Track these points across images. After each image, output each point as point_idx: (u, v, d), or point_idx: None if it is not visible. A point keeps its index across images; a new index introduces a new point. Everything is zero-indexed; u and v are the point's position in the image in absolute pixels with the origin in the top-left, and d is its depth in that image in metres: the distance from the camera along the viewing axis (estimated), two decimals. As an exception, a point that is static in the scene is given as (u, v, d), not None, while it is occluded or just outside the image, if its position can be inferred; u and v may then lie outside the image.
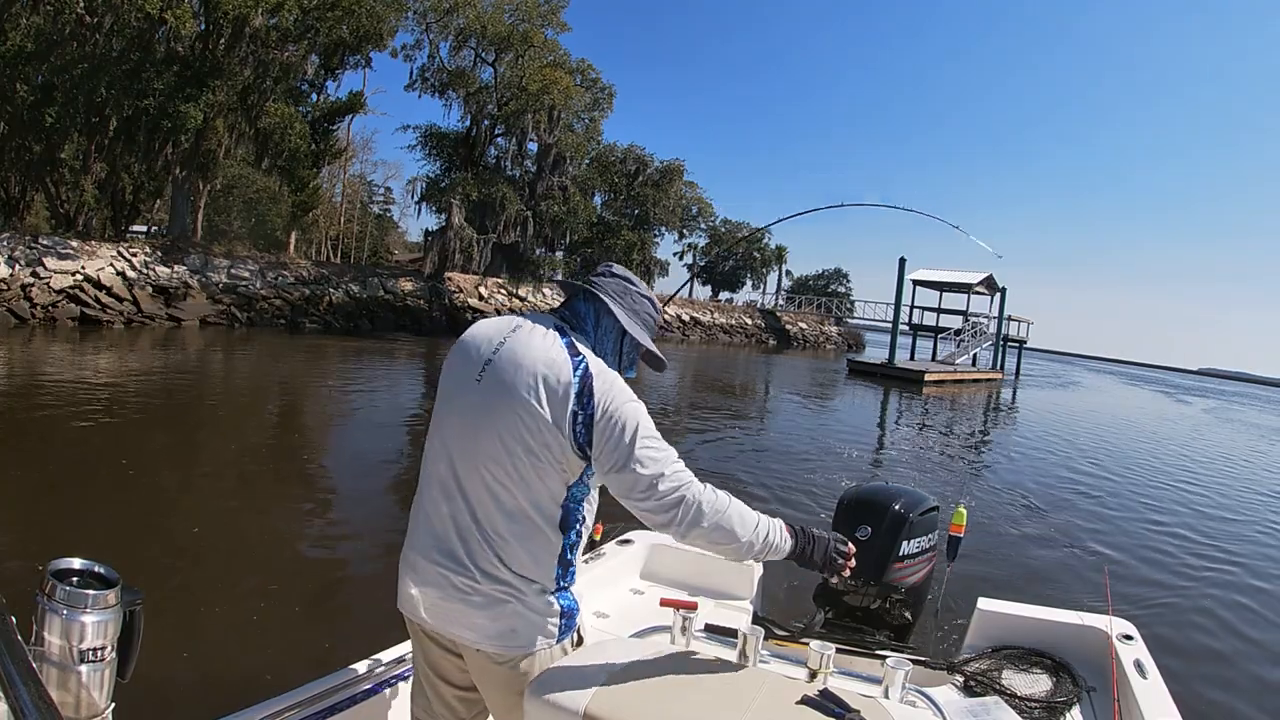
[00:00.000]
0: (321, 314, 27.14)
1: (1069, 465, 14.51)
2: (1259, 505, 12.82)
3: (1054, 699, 2.62)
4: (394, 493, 8.09)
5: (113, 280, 21.73)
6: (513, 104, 34.61)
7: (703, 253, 56.97)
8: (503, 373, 1.81)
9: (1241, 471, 17.46)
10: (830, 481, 10.24)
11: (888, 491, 3.68)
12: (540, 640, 1.87)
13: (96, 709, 1.44)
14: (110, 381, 12.70)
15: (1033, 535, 8.78)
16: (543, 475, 1.80)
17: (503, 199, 34.60)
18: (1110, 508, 10.91)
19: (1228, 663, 5.76)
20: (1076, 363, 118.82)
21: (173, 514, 6.66)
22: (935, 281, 41.46)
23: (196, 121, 23.41)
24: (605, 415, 1.76)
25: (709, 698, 1.79)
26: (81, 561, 1.47)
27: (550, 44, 35.79)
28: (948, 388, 32.41)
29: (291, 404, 13.75)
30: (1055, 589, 6.80)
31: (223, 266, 25.25)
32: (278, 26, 24.96)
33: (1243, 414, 44.00)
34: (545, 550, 1.84)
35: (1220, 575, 8.04)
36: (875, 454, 14.39)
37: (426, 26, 33.62)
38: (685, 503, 1.79)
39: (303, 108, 28.58)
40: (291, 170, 27.67)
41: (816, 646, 2.41)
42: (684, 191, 51.05)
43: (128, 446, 8.86)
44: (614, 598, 3.35)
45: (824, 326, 58.64)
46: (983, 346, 40.94)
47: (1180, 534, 9.76)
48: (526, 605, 1.84)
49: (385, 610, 1.93)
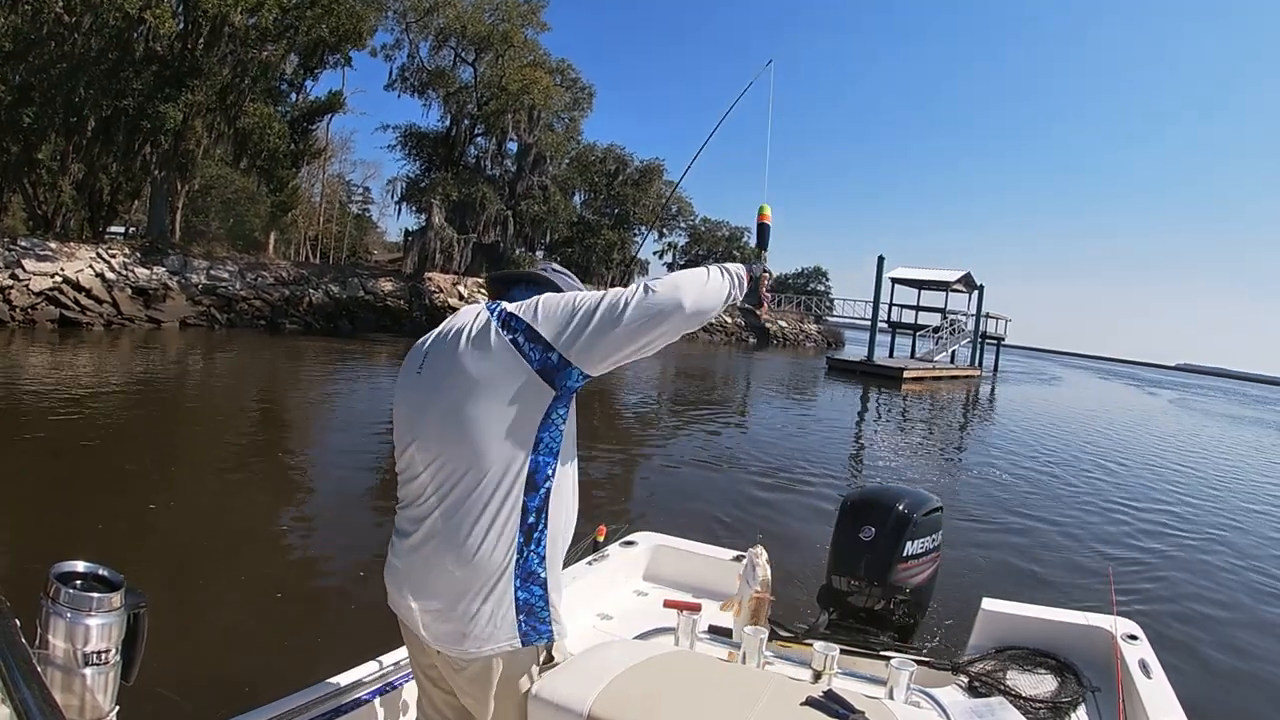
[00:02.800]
0: (301, 315, 27.05)
1: (1051, 458, 14.79)
2: (1230, 495, 13.07)
3: (1059, 699, 2.62)
4: (390, 495, 8.08)
5: (92, 282, 21.60)
6: (493, 104, 34.64)
7: (682, 251, 57.16)
8: (437, 353, 1.82)
9: (1186, 456, 18.27)
10: (814, 477, 10.37)
11: (891, 492, 3.67)
12: (501, 638, 1.77)
13: (101, 712, 1.44)
14: (93, 384, 12.68)
15: (1032, 534, 8.78)
16: (506, 422, 1.71)
17: (483, 199, 34.63)
18: (1106, 503, 11.07)
19: (1234, 662, 5.74)
20: (1055, 359, 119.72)
21: (168, 517, 6.66)
22: (914, 279, 41.73)
23: (175, 121, 23.29)
24: (541, 312, 1.74)
25: (713, 699, 1.79)
26: (85, 564, 1.47)
27: (530, 44, 35.88)
28: (926, 384, 32.67)
29: (279, 405, 13.75)
30: (1059, 588, 6.80)
31: (202, 267, 25.13)
32: (257, 25, 24.82)
33: (1202, 404, 47.62)
34: (504, 525, 1.73)
35: (1222, 575, 8.05)
36: (855, 451, 14.59)
37: (406, 26, 33.64)
38: (656, 286, 1.73)
39: (282, 107, 28.48)
40: (270, 170, 27.52)
41: (820, 648, 2.46)
42: (663, 191, 51.22)
43: (116, 450, 8.86)
44: (617, 600, 3.33)
45: (804, 325, 58.71)
46: (961, 343, 41.43)
47: (1177, 529, 9.91)
48: (482, 600, 1.75)
49: (388, 612, 1.95)
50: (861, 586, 3.44)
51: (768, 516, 8.46)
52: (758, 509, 8.74)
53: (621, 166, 47.32)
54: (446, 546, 1.75)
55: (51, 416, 9.82)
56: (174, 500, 7.23)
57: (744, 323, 53.36)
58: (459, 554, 1.74)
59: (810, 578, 5.35)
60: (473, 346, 1.75)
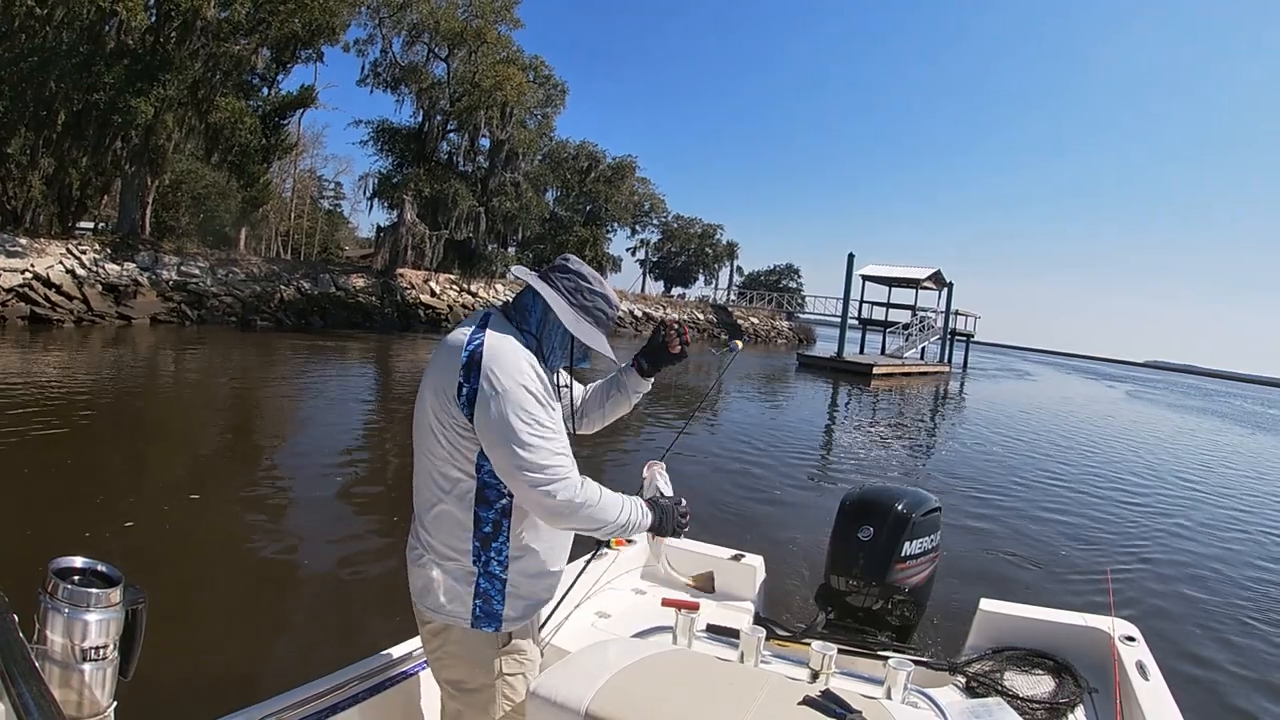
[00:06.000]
0: (273, 311, 26.87)
1: (1016, 452, 15.14)
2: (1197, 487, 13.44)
3: (1056, 700, 2.64)
4: (390, 493, 8.14)
5: (62, 278, 21.36)
6: (465, 100, 34.57)
7: (655, 248, 57.28)
8: (432, 363, 1.93)
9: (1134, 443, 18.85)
10: (783, 474, 10.57)
11: (890, 492, 3.70)
12: (451, 610, 1.94)
13: (99, 708, 1.43)
14: (67, 380, 12.61)
15: (1020, 532, 8.88)
16: (453, 451, 1.87)
17: (455, 195, 34.54)
18: (1085, 497, 11.29)
19: (1231, 664, 5.74)
20: (1026, 356, 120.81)
21: (160, 513, 6.67)
22: (884, 277, 42.19)
23: (146, 116, 23.02)
24: (487, 390, 1.79)
25: (711, 698, 1.80)
26: (84, 560, 1.46)
27: (503, 40, 35.77)
28: (896, 380, 33.09)
29: (261, 402, 13.70)
30: (1057, 589, 6.86)
31: (173, 264, 24.90)
32: (229, 19, 24.65)
33: (1154, 395, 51.25)
34: (459, 524, 1.91)
35: (1223, 574, 8.12)
36: (829, 447, 14.84)
37: (379, 21, 33.42)
38: (563, 494, 1.82)
39: (253, 102, 28.22)
40: (242, 165, 27.33)
41: (818, 647, 2.55)
42: (636, 188, 51.35)
43: (89, 449, 8.88)
44: (616, 598, 3.32)
45: (775, 321, 59.03)
46: (930, 340, 41.89)
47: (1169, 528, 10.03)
48: (442, 570, 1.94)
49: (387, 607, 1.95)
50: (860, 586, 3.49)
51: (743, 512, 8.62)
52: (734, 503, 8.89)
53: (594, 163, 47.48)
54: (427, 534, 1.98)
55: (29, 414, 9.80)
56: (153, 497, 7.21)
57: (716, 319, 53.60)
58: (433, 545, 1.96)
59: (809, 578, 5.49)
60: (441, 373, 1.87)
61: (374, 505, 7.70)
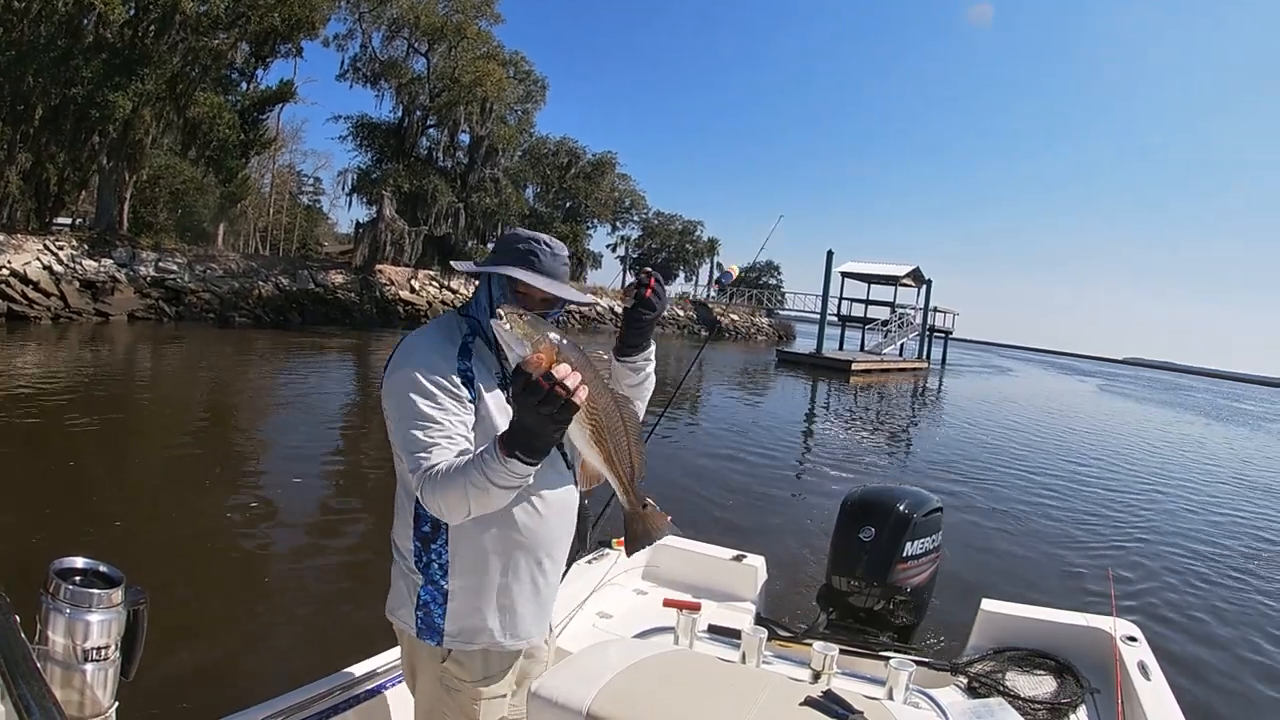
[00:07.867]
0: (251, 308, 26.63)
1: (990, 444, 15.36)
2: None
3: (1058, 700, 2.64)
4: (372, 489, 8.15)
5: (39, 274, 21.17)
6: (445, 95, 34.44)
7: (635, 245, 57.22)
8: None
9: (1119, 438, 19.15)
10: (765, 472, 10.67)
11: (892, 492, 3.71)
12: (401, 616, 1.91)
13: (100, 708, 1.44)
14: (53, 379, 12.60)
15: (1023, 533, 8.95)
16: (396, 458, 1.82)
17: (434, 191, 34.41)
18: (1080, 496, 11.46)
19: (1233, 664, 5.75)
20: (1008, 353, 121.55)
21: (157, 515, 6.73)
22: (863, 274, 42.38)
23: (124, 110, 22.89)
24: (386, 380, 1.82)
25: (712, 698, 1.80)
26: (85, 560, 1.47)
27: (484, 35, 35.65)
28: (874, 377, 33.36)
29: (240, 401, 13.69)
30: (1057, 589, 6.89)
31: (150, 260, 24.67)
32: (208, 13, 24.47)
33: (1122, 389, 52.91)
34: (405, 521, 1.88)
35: (1224, 574, 8.15)
36: (804, 443, 15.00)
37: (359, 16, 33.22)
38: (416, 481, 1.68)
39: (232, 97, 28.09)
40: (220, 160, 27.21)
41: (820, 648, 2.57)
42: (616, 184, 51.33)
43: (87, 447, 8.91)
44: (617, 599, 3.31)
45: (755, 318, 59.07)
46: (909, 337, 42.19)
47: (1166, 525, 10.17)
48: (396, 569, 1.93)
49: (376, 608, 1.95)
50: (861, 587, 3.51)
51: (726, 505, 8.74)
52: (709, 502, 8.99)
53: (574, 159, 47.46)
54: (392, 530, 1.96)
55: (12, 412, 9.77)
56: (164, 499, 7.28)
57: (695, 315, 53.66)
58: (394, 541, 1.95)
59: (810, 579, 5.52)
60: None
61: (353, 500, 7.73)
